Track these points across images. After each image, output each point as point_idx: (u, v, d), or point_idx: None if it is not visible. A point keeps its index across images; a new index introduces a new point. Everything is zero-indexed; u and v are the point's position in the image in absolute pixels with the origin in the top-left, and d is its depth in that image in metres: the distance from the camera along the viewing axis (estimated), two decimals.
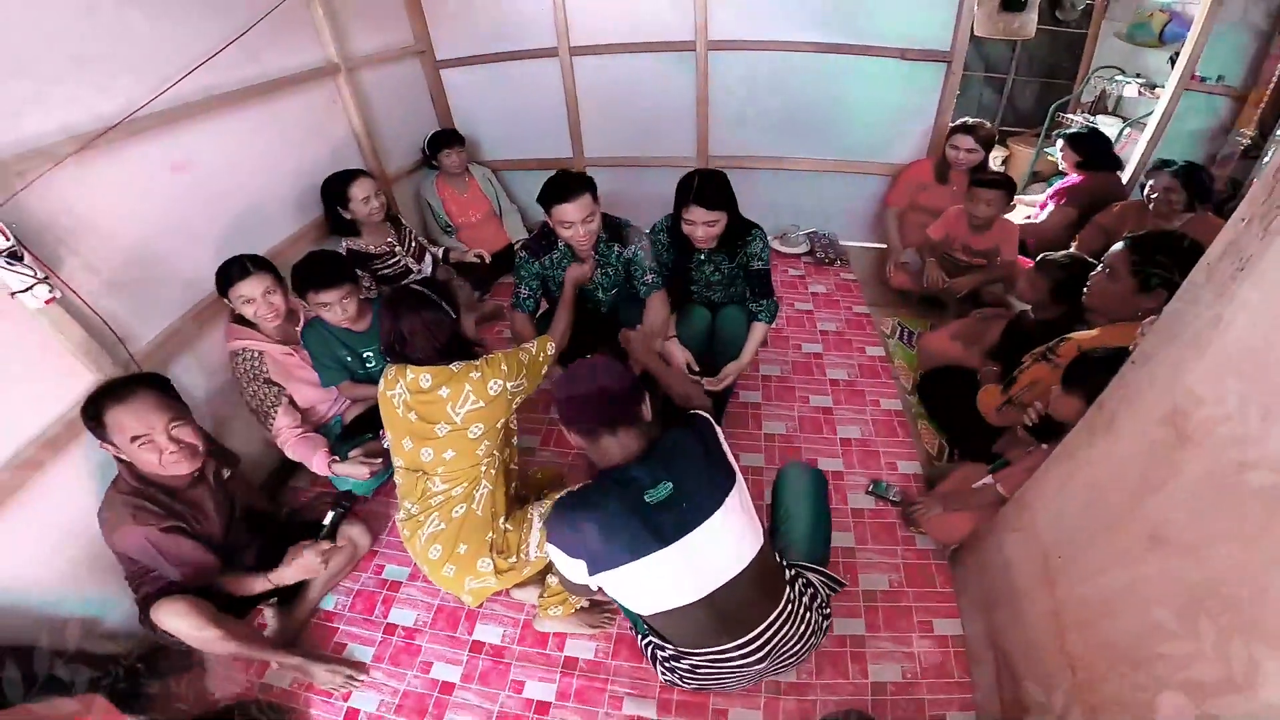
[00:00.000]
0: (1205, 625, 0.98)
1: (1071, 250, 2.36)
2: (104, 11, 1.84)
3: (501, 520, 1.82)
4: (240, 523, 1.88)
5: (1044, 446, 1.72)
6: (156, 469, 1.59)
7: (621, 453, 1.40)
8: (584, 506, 1.37)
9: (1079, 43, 5.70)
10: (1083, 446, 1.40)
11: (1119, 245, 1.91)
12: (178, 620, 1.56)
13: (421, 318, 1.69)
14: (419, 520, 1.80)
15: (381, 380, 1.79)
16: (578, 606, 1.86)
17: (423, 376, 1.69)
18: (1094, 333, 1.88)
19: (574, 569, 1.40)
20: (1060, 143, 3.53)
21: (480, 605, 1.99)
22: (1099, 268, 1.96)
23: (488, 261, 3.30)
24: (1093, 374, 1.51)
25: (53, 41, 1.72)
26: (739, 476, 1.42)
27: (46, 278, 1.59)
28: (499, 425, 1.76)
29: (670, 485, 1.33)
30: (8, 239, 1.50)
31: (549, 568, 1.84)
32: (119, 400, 1.54)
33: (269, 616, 1.88)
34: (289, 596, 1.95)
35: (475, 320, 1.78)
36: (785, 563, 1.53)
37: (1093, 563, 1.32)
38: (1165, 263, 1.77)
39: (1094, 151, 3.37)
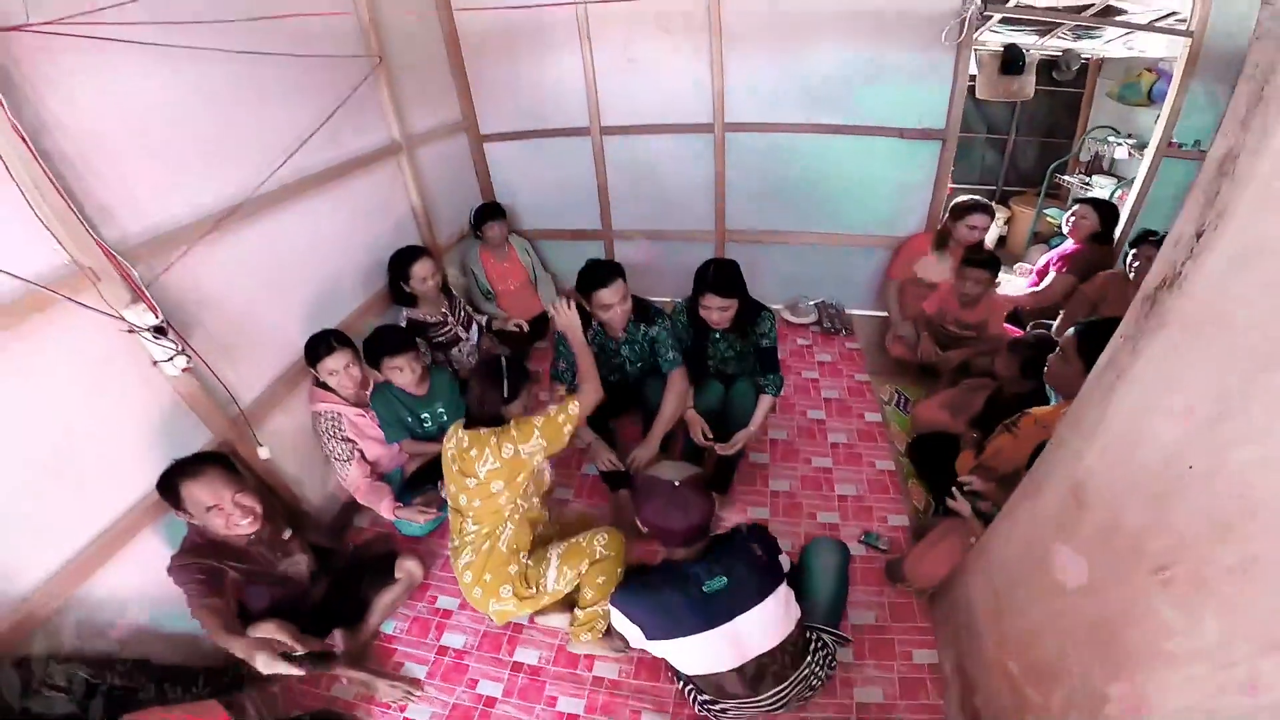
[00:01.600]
0: (1087, 657, 1.30)
1: (1039, 332, 2.65)
2: (216, 102, 2.15)
3: (524, 555, 2.14)
4: (300, 572, 2.17)
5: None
6: (224, 531, 1.87)
7: (687, 553, 1.79)
8: (648, 589, 1.77)
9: (1076, 103, 5.84)
10: (1018, 505, 1.72)
11: (1070, 331, 2.17)
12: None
13: (481, 389, 2.04)
14: (458, 550, 2.14)
15: (447, 433, 2.12)
16: (600, 635, 2.18)
17: (464, 439, 2.03)
18: (1050, 408, 2.16)
19: (628, 629, 1.78)
20: (1076, 206, 3.63)
21: (505, 624, 2.31)
22: (1055, 350, 2.22)
23: (525, 329, 3.64)
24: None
25: (183, 130, 2.03)
26: (784, 581, 1.78)
27: (184, 349, 1.91)
28: (519, 480, 2.04)
29: (724, 580, 1.70)
30: (157, 315, 1.80)
31: (570, 599, 2.18)
32: (192, 476, 1.80)
33: (338, 638, 2.19)
34: (354, 620, 2.27)
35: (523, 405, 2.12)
36: (805, 626, 1.86)
37: (1022, 600, 1.64)
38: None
39: (1109, 221, 3.50)
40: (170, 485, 1.81)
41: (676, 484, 1.74)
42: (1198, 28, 3.31)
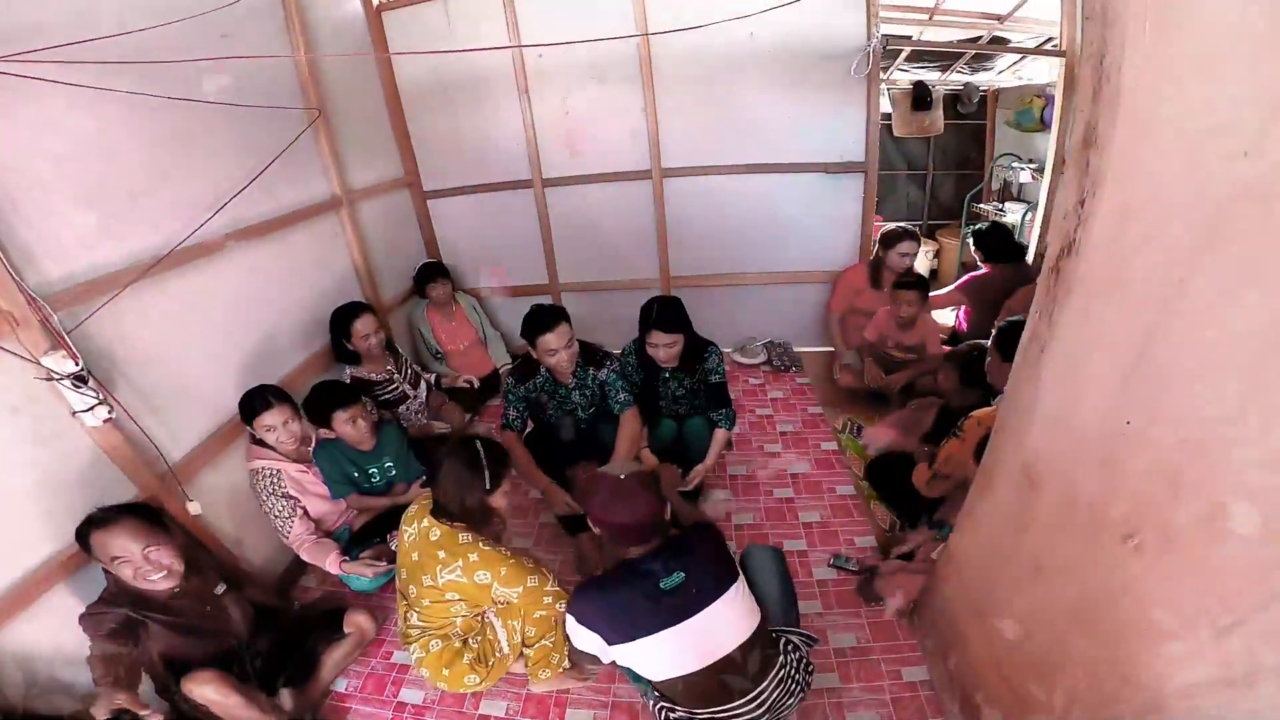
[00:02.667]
0: (1080, 644, 1.26)
1: (974, 342, 2.73)
2: (151, 148, 2.13)
3: (474, 638, 2.01)
4: (231, 630, 2.03)
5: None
6: (133, 583, 1.77)
7: (642, 552, 1.70)
8: (605, 590, 1.68)
9: (981, 134, 6.19)
10: (977, 502, 1.71)
11: (994, 334, 2.26)
12: (206, 689, 1.76)
13: (459, 475, 1.84)
14: (406, 638, 1.99)
15: (409, 509, 2.00)
16: (561, 668, 2.05)
17: (434, 530, 1.88)
18: (989, 409, 2.17)
19: (587, 640, 1.67)
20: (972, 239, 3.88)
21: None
22: (987, 357, 2.30)
23: (476, 387, 3.57)
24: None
25: (113, 175, 2.00)
26: (740, 574, 1.73)
27: (105, 399, 1.81)
28: (478, 607, 1.93)
29: (682, 575, 1.63)
30: (77, 363, 1.72)
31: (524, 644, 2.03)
32: (101, 527, 1.73)
33: (285, 697, 2.02)
34: (302, 680, 2.09)
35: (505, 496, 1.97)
36: (772, 630, 1.79)
37: (1001, 598, 1.60)
38: None
39: (994, 245, 3.69)
40: (84, 534, 1.73)
41: (622, 477, 1.70)
42: (1068, 47, 3.62)
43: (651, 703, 1.82)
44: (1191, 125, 0.90)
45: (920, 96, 5.26)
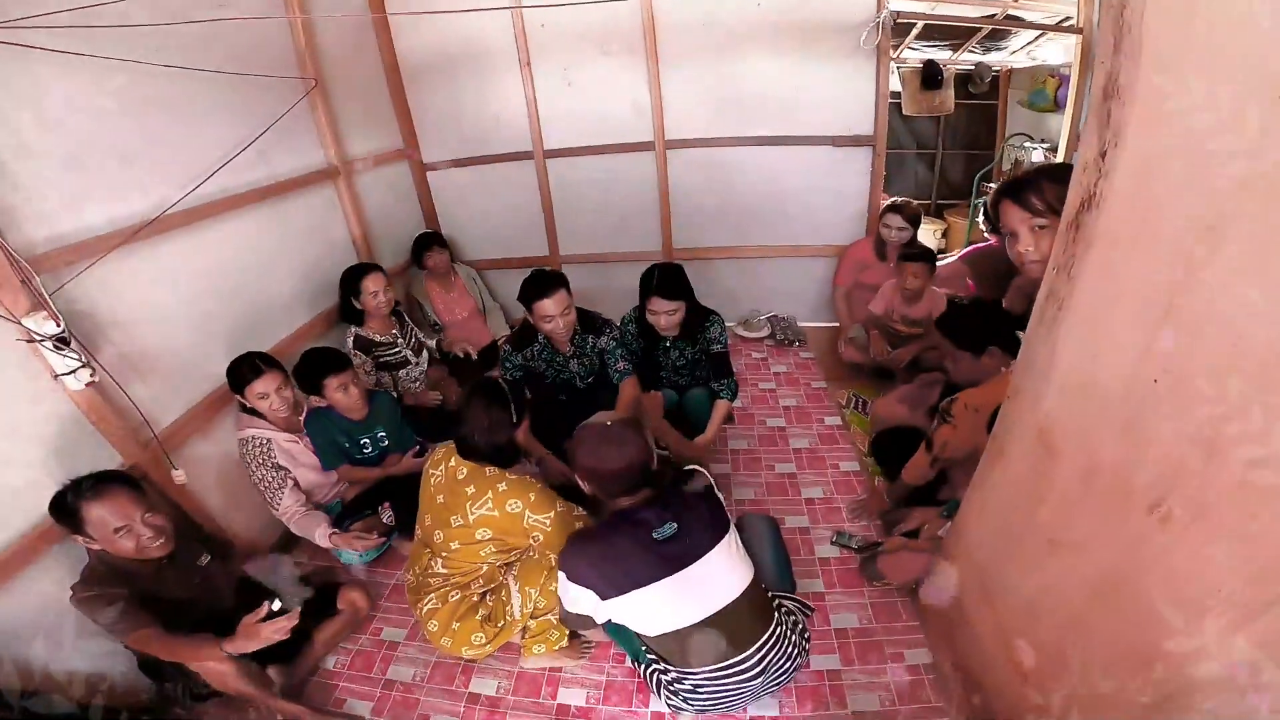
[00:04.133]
0: (1101, 627, 1.18)
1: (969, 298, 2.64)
2: (142, 113, 2.10)
3: (488, 596, 1.97)
4: (219, 601, 1.97)
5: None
6: (134, 554, 1.70)
7: (633, 501, 1.65)
8: (598, 542, 1.62)
9: (993, 114, 6.13)
10: (987, 475, 1.63)
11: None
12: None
13: (489, 414, 1.85)
14: (418, 591, 1.96)
15: (428, 456, 1.97)
16: (558, 646, 1.99)
17: (461, 468, 1.87)
18: (977, 389, 2.09)
19: (581, 597, 1.60)
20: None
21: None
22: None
23: (474, 358, 3.52)
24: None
25: (102, 139, 1.98)
26: (731, 523, 1.68)
27: (88, 362, 1.77)
28: (509, 544, 1.90)
29: (675, 525, 1.58)
30: (59, 325, 1.69)
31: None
32: (94, 497, 1.64)
33: (273, 673, 1.98)
34: (290, 656, 2.04)
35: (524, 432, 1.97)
36: (768, 592, 1.74)
37: (1012, 576, 1.53)
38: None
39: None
40: (66, 507, 1.64)
41: (609, 423, 1.65)
42: (1085, 25, 3.51)
43: (644, 667, 1.77)
44: (1219, 71, 0.84)
45: (930, 75, 5.17)
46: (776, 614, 1.70)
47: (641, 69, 3.55)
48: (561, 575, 1.65)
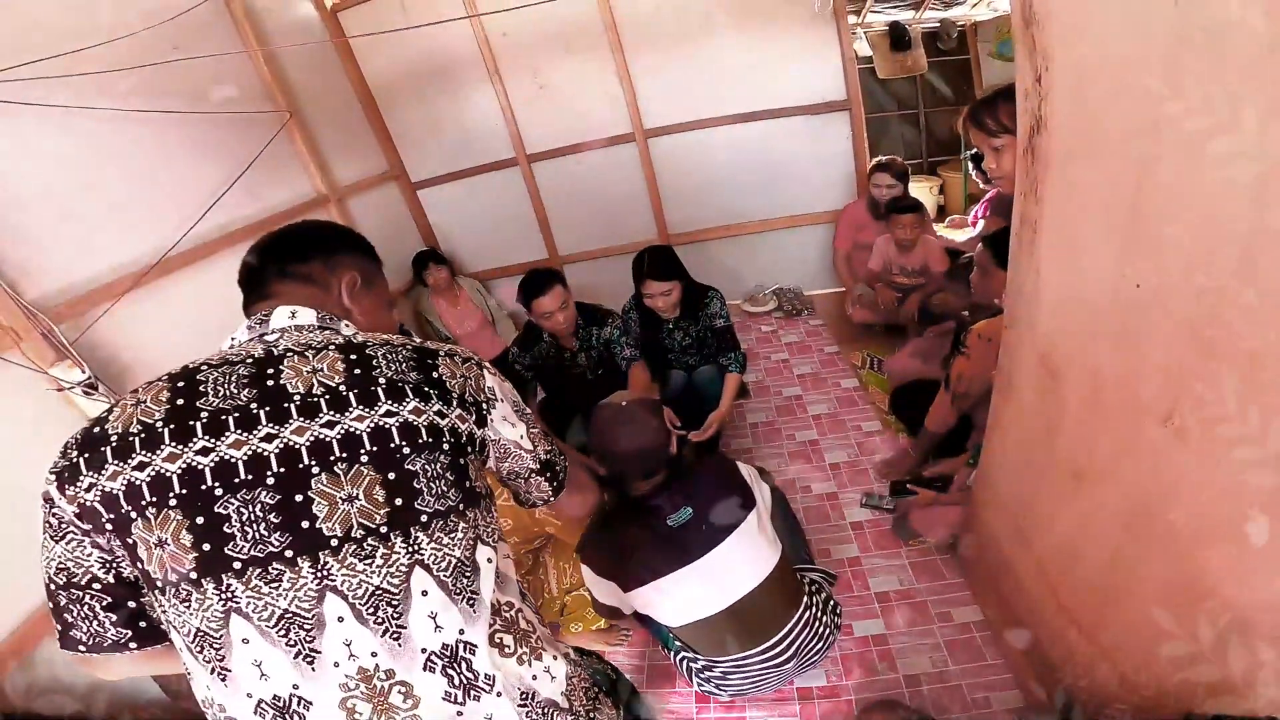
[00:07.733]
0: (1134, 547, 1.15)
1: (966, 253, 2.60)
2: (126, 162, 2.17)
3: (524, 575, 1.99)
4: None
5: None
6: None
7: (647, 487, 1.58)
8: (610, 531, 1.57)
9: (967, 68, 6.04)
10: (1001, 412, 1.60)
11: (980, 245, 2.14)
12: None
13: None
14: None
15: None
16: (595, 627, 1.97)
17: None
18: (988, 320, 2.05)
19: (605, 589, 1.57)
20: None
21: None
22: (974, 270, 2.17)
23: None
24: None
25: (93, 190, 2.06)
26: (759, 502, 1.60)
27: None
28: (532, 535, 1.94)
29: (690, 510, 1.52)
30: (84, 371, 1.77)
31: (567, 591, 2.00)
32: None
33: None
34: None
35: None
36: (794, 568, 1.69)
37: (1044, 513, 1.48)
38: None
39: None
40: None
41: (624, 403, 1.60)
42: None
43: (674, 655, 1.75)
44: None
45: (898, 36, 5.13)
46: (805, 594, 1.64)
47: (609, 63, 3.55)
48: (585, 569, 1.61)
